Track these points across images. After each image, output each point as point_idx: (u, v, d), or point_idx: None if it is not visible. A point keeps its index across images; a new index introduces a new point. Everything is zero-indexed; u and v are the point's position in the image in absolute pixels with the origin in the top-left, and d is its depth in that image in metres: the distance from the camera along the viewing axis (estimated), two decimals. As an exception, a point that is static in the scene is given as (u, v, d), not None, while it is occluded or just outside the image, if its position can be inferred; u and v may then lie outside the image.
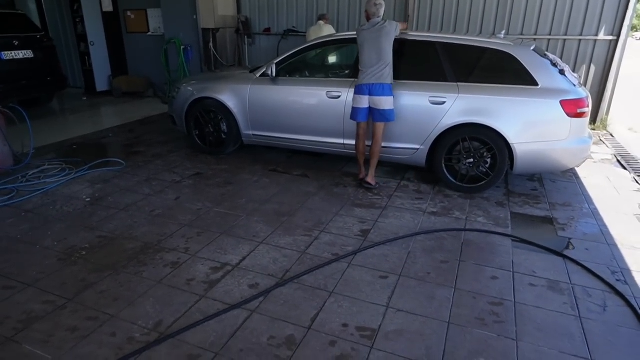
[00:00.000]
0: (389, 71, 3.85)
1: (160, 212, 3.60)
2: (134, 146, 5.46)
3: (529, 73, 3.75)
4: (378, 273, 2.79)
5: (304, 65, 4.89)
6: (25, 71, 6.61)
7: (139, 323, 2.29)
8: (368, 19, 3.96)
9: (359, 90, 3.92)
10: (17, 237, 3.17)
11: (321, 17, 6.65)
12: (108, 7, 8.72)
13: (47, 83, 7.10)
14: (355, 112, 4.01)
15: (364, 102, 3.92)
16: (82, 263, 2.85)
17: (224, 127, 4.93)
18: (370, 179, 4.14)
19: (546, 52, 4.27)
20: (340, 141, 4.43)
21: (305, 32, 7.51)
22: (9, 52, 6.34)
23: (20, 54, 6.51)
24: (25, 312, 2.36)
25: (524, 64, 3.78)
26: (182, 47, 7.99)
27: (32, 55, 6.68)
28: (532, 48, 3.94)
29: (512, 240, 3.23)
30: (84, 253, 2.97)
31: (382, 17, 3.96)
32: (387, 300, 2.51)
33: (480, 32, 6.75)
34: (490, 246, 3.17)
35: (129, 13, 8.71)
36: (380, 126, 3.97)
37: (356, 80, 3.99)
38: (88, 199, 3.84)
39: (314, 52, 4.93)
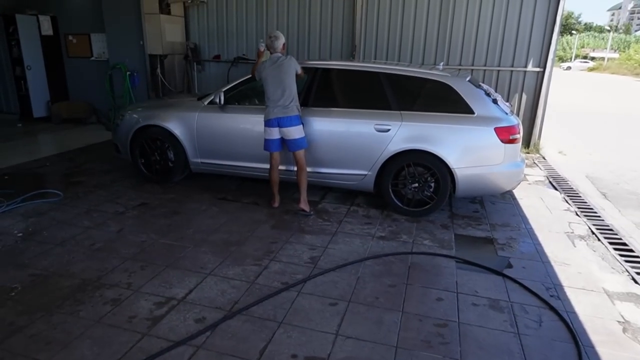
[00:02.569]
0: (294, 104, 4.00)
1: (101, 246, 3.42)
2: (74, 176, 5.20)
3: (466, 102, 3.99)
4: (327, 300, 2.79)
5: (252, 93, 4.91)
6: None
7: (74, 368, 2.14)
8: (270, 53, 4.08)
9: (268, 124, 4.04)
10: None
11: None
12: (47, 30, 8.39)
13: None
14: (267, 144, 4.13)
15: (275, 133, 4.05)
16: (11, 305, 2.63)
17: (170, 155, 4.82)
18: (303, 205, 4.19)
19: (480, 83, 4.58)
20: (292, 168, 4.44)
21: (254, 60, 7.57)
22: None
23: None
24: (-59, 363, 2.14)
25: (460, 93, 4.02)
26: (127, 73, 7.79)
27: (-41, 79, 6.26)
28: (467, 79, 4.22)
29: (456, 262, 3.36)
30: (13, 294, 2.75)
31: (280, 51, 4.05)
32: (337, 328, 2.51)
33: (423, 62, 7.14)
34: (436, 268, 3.27)
35: (70, 37, 8.42)
36: (299, 154, 4.10)
37: (265, 111, 4.07)
38: (20, 234, 3.59)
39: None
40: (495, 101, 4.05)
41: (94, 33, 8.21)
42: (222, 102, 4.51)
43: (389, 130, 4.07)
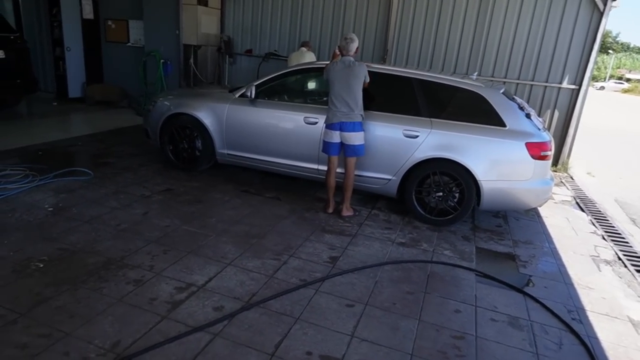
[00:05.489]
0: (359, 111, 3.93)
1: (126, 227, 3.50)
2: (104, 157, 5.33)
3: (498, 114, 3.94)
4: (344, 301, 2.79)
5: (284, 89, 4.94)
6: (-7, 72, 6.40)
7: (95, 342, 2.19)
8: (341, 54, 4.02)
9: (330, 127, 3.99)
10: (-31, 245, 3.00)
11: (304, 44, 6.81)
12: (89, 14, 8.62)
13: (16, 85, 6.89)
14: (326, 146, 4.07)
15: (335, 137, 3.98)
16: (39, 276, 2.72)
17: (198, 144, 4.89)
18: (345, 211, 4.19)
19: (514, 96, 4.51)
20: (315, 166, 4.47)
21: (286, 57, 7.64)
22: (-21, 51, 6.15)
23: (-9, 54, 6.31)
24: (-28, 326, 2.23)
25: (493, 105, 3.96)
26: (161, 61, 7.95)
27: (3, 56, 6.51)
28: (501, 91, 4.15)
29: (476, 275, 3.31)
30: (41, 265, 2.84)
31: (352, 54, 3.95)
32: (352, 330, 2.50)
33: (454, 71, 7.06)
34: (455, 279, 3.23)
35: (109, 22, 8.64)
36: (351, 160, 4.05)
37: (328, 114, 4.01)
38: (50, 209, 3.70)
39: (295, 77, 5.00)
40: (528, 115, 3.98)
41: (132, 20, 8.41)
42: (254, 96, 4.56)
43: (417, 136, 4.04)
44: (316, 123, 4.34)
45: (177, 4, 7.69)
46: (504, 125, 3.91)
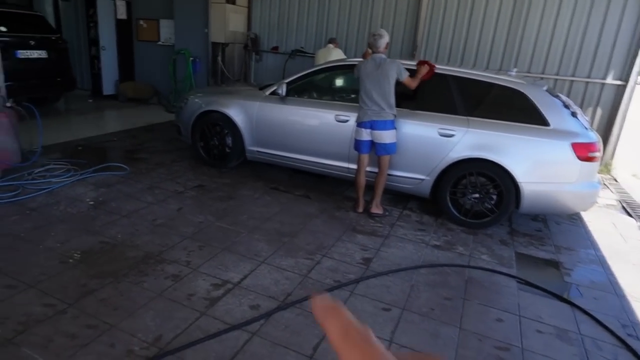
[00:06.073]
0: (390, 109, 3.83)
1: (162, 222, 3.54)
2: (137, 152, 5.42)
3: (541, 113, 3.77)
4: (380, 304, 2.73)
5: (314, 86, 4.90)
6: (37, 70, 6.65)
7: (139, 336, 2.21)
8: (371, 51, 3.92)
9: (361, 125, 3.91)
10: (20, 235, 3.11)
11: (331, 41, 6.72)
12: (122, 14, 8.79)
13: (57, 83, 7.12)
14: (357, 144, 4.01)
15: (366, 135, 3.91)
16: (84, 268, 2.77)
17: (229, 141, 4.91)
18: (375, 209, 4.11)
19: (558, 94, 4.31)
20: (345, 165, 4.40)
21: (312, 54, 7.59)
22: (25, 51, 6.39)
23: (35, 54, 6.55)
24: (26, 313, 2.30)
25: (536, 103, 3.80)
26: (190, 59, 8.04)
27: (46, 56, 6.72)
28: (544, 88, 3.99)
29: (517, 282, 3.16)
30: (86, 257, 2.90)
31: (382, 50, 3.84)
32: (390, 335, 2.44)
33: (487, 67, 6.84)
34: (495, 286, 3.11)
35: (141, 22, 8.79)
36: (384, 159, 3.96)
37: (359, 112, 3.94)
38: (91, 202, 3.79)
39: (326, 75, 4.95)
40: (574, 114, 3.80)
41: (163, 19, 8.53)
42: (284, 93, 4.53)
43: (453, 135, 3.91)
44: (347, 121, 4.27)
45: (206, 3, 7.75)
46: (547, 124, 3.75)
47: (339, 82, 5.19)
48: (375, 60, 3.82)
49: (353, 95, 4.77)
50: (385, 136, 3.85)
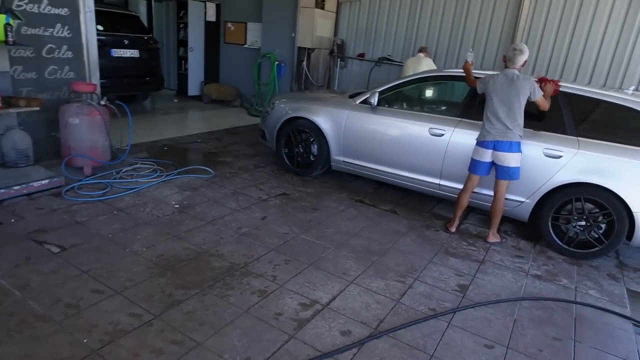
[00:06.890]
0: (517, 129, 3.45)
1: (247, 231, 3.45)
2: (221, 155, 5.46)
3: None
4: (482, 340, 2.43)
5: (407, 97, 4.64)
6: (129, 69, 6.95)
7: (225, 357, 2.08)
8: (506, 65, 3.55)
9: (482, 144, 3.56)
10: (108, 237, 3.13)
11: (421, 50, 6.38)
12: (212, 17, 9.11)
13: (146, 82, 7.44)
14: (474, 165, 3.64)
15: (487, 156, 3.54)
16: (170, 276, 2.71)
17: (314, 149, 4.77)
18: (492, 238, 3.77)
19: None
20: (437, 181, 4.10)
21: (400, 62, 7.31)
22: (119, 50, 6.72)
23: (128, 53, 6.87)
24: (112, 322, 2.24)
25: None
26: (275, 62, 8.08)
27: (138, 55, 7.03)
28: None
29: (633, 325, 2.75)
30: (172, 264, 2.85)
31: (518, 67, 3.48)
32: (500, 381, 2.11)
33: (589, 83, 6.16)
34: (609, 328, 2.71)
35: (229, 24, 9.03)
36: (503, 184, 3.58)
37: (482, 130, 3.59)
38: (177, 206, 3.78)
39: (421, 85, 4.67)
40: None
41: (251, 22, 8.68)
42: (376, 103, 4.31)
43: (560, 157, 3.49)
44: (442, 135, 3.97)
45: (295, 7, 7.76)
46: None
47: (435, 93, 4.88)
48: (507, 75, 3.47)
49: (450, 108, 4.46)
50: (510, 159, 3.47)
